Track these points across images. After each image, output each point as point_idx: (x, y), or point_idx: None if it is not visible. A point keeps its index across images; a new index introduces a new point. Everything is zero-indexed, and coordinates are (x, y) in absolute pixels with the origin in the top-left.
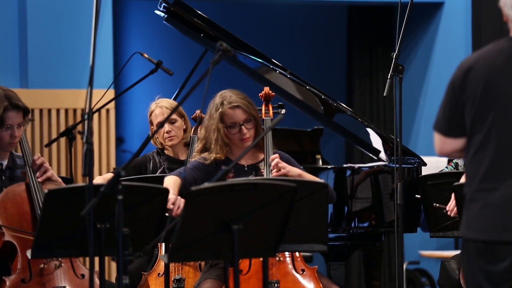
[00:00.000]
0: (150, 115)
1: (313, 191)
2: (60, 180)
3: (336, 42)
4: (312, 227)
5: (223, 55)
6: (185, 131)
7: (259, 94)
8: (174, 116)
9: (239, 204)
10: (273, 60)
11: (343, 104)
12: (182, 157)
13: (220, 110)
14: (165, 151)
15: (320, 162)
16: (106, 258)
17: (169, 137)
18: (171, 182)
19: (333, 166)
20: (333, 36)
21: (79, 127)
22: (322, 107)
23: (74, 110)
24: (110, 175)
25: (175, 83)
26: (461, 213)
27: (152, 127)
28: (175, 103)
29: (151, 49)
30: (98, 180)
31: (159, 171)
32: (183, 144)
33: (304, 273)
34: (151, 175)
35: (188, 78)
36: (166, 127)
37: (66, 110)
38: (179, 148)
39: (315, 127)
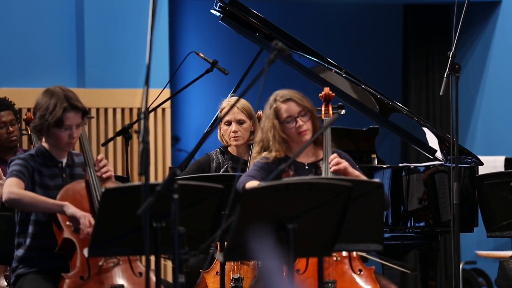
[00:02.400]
0: (220, 111)
1: (368, 191)
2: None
3: (392, 40)
4: (368, 227)
5: (279, 54)
6: (252, 133)
7: (319, 95)
8: (243, 117)
9: (294, 203)
10: (328, 59)
11: (398, 103)
12: (245, 157)
13: (273, 106)
14: (229, 149)
15: (376, 162)
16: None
17: (235, 137)
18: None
19: (388, 165)
20: (389, 35)
21: (135, 126)
22: (378, 106)
23: (130, 110)
24: None
25: (230, 82)
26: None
27: (221, 124)
28: (246, 103)
29: (206, 48)
30: None
31: (222, 170)
32: (247, 145)
33: (361, 273)
34: (215, 173)
35: (243, 77)
36: (233, 126)
37: (123, 110)
38: (243, 149)
39: (371, 126)
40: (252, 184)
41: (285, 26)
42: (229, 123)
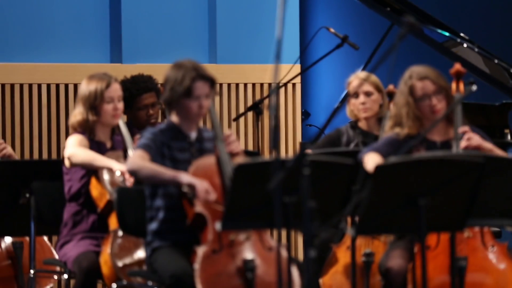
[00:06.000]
0: (348, 85)
1: (502, 166)
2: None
3: None
4: (501, 202)
5: (410, 29)
6: (381, 106)
7: (450, 71)
8: (370, 89)
9: (426, 179)
10: (460, 33)
11: None
12: (376, 132)
13: (408, 83)
14: (359, 124)
15: (509, 137)
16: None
17: (363, 108)
18: (376, 159)
19: None
20: None
21: (266, 102)
22: (511, 81)
23: (261, 85)
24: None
25: (360, 57)
26: None
27: (350, 99)
28: (374, 76)
29: (337, 23)
30: None
31: (352, 145)
32: (377, 119)
33: (494, 249)
34: (345, 148)
35: (374, 52)
36: (361, 98)
37: (253, 85)
38: (373, 123)
39: (504, 101)
40: (371, 157)
41: (415, 0)
42: (357, 96)
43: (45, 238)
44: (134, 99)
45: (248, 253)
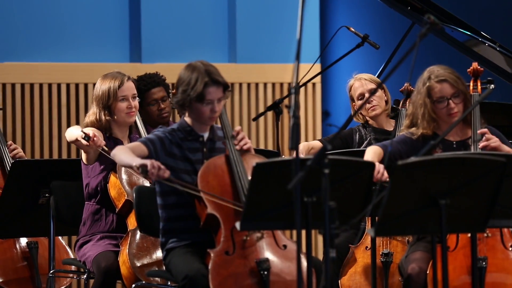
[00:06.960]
0: (350, 90)
1: None
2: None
3: None
4: None
5: (431, 28)
6: (386, 102)
7: (468, 70)
8: (373, 86)
9: (446, 179)
10: (482, 32)
11: None
12: (388, 127)
13: (427, 84)
14: (369, 123)
15: None
16: (313, 231)
17: (371, 107)
18: (371, 152)
19: None
20: None
21: (286, 101)
22: None
23: (281, 84)
24: (315, 142)
25: (381, 57)
26: None
27: (353, 103)
28: (373, 76)
29: (357, 23)
30: (302, 146)
31: (365, 143)
32: (387, 115)
33: None
34: (358, 148)
35: (394, 51)
36: (367, 97)
37: (273, 84)
38: (383, 119)
39: None
40: (369, 149)
41: None
42: (362, 96)
43: (60, 238)
44: (143, 95)
45: (261, 253)
